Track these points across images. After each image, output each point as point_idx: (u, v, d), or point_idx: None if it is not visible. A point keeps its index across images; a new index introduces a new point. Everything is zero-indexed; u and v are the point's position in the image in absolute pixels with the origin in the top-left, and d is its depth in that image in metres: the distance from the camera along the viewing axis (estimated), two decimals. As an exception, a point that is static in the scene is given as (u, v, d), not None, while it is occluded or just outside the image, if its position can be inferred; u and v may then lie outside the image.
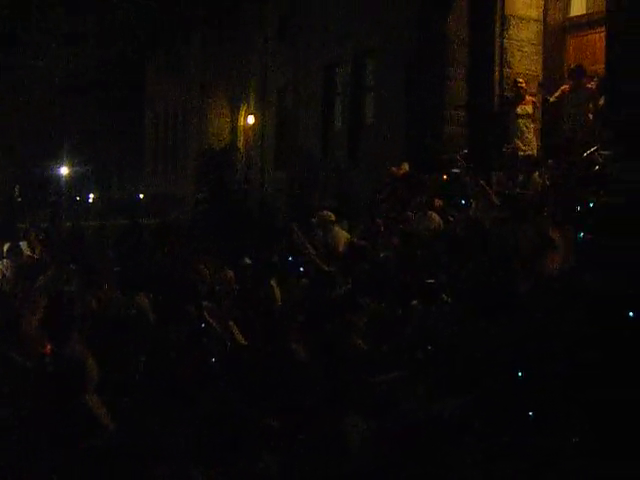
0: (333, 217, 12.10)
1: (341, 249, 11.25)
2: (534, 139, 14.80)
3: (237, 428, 5.07)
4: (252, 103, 26.33)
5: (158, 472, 4.73)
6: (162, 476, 4.73)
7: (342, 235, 11.68)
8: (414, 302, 7.81)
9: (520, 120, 14.79)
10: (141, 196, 35.15)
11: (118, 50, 24.56)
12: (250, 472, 4.79)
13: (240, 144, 27.68)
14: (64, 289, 10.22)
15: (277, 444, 5.03)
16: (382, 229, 12.07)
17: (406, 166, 15.19)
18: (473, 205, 12.30)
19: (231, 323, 7.58)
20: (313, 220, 12.09)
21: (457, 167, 14.30)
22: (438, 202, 12.69)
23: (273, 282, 9.34)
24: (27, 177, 32.98)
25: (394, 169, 15.17)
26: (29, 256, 14.81)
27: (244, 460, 4.82)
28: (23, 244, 15.45)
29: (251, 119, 26.20)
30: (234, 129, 28.14)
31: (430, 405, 5.43)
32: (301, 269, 10.54)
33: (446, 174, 14.31)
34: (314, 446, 5.08)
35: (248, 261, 10.94)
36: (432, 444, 5.02)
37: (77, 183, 37.87)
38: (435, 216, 11.80)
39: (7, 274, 13.88)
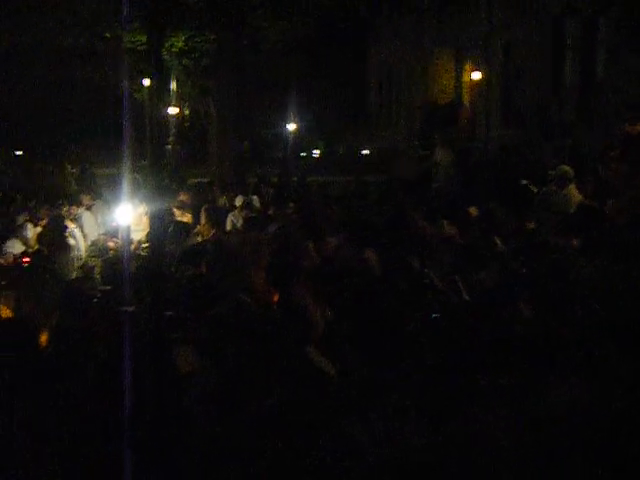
0: (572, 173, 11.63)
1: (572, 210, 10.81)
2: None
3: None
4: (478, 58, 25.89)
5: None
6: None
7: (576, 195, 11.20)
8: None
9: None
10: (365, 152, 35.43)
11: (341, 8, 24.84)
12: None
13: (465, 100, 27.36)
14: (289, 242, 10.44)
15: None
16: (612, 189, 11.54)
17: (644, 125, 14.46)
18: None
19: (457, 278, 7.49)
20: (551, 172, 11.68)
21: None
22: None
23: (497, 240, 9.12)
24: (256, 134, 34.03)
25: (628, 127, 14.49)
26: (258, 209, 15.34)
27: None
28: (254, 198, 16.03)
29: (476, 75, 25.77)
30: (458, 85, 27.83)
31: None
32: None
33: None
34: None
35: (473, 215, 10.74)
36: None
37: (303, 139, 38.70)
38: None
39: (237, 226, 14.42)
